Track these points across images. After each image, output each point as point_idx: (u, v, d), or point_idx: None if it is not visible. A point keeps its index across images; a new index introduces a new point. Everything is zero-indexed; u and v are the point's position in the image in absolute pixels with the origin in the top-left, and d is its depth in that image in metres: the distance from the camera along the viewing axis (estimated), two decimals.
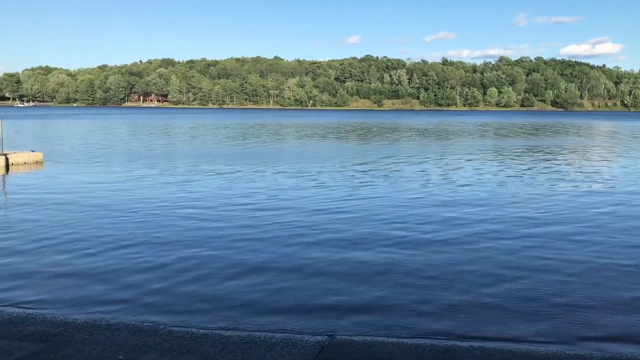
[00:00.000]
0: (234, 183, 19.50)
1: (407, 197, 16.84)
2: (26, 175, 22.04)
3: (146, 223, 12.95)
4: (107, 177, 21.02)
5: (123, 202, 15.78)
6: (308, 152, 33.62)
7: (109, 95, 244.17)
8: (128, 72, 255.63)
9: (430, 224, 13.04)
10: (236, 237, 11.62)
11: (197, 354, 6.00)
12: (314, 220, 13.36)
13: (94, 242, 11.19)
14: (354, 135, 52.64)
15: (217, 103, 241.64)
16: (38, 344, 6.14)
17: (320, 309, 7.65)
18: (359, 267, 9.58)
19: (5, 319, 6.96)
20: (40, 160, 26.14)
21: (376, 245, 11.15)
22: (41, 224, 12.85)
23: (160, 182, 19.83)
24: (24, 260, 9.94)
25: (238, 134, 53.64)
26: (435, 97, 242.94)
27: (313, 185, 19.04)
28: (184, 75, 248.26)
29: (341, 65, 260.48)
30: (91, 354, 5.90)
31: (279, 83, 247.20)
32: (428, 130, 62.71)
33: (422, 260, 10.11)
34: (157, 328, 6.79)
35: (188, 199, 16.18)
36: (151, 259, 10.00)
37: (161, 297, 8.08)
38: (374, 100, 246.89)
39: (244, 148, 36.51)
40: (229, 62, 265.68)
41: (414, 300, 8.08)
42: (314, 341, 6.47)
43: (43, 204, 15.40)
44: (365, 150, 35.71)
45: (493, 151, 35.10)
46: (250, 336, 6.58)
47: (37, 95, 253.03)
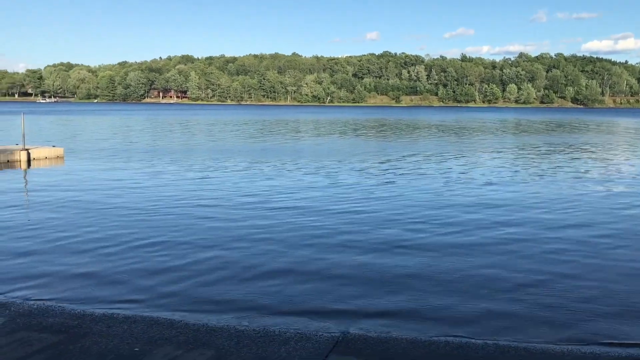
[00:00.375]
0: (253, 180, 19.46)
1: (428, 197, 16.66)
2: (47, 171, 22.36)
3: (164, 221, 13.07)
4: (127, 173, 21.25)
5: (142, 199, 15.94)
6: (326, 149, 33.61)
7: (129, 91, 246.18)
8: (148, 68, 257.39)
9: (451, 226, 12.88)
10: (254, 237, 11.67)
11: (212, 346, 6.06)
12: (333, 220, 13.32)
13: (112, 239, 11.34)
14: (373, 132, 52.48)
15: (236, 99, 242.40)
16: (57, 336, 6.24)
17: (335, 311, 7.58)
18: (376, 269, 9.53)
19: (25, 310, 7.09)
20: (61, 155, 26.48)
21: (394, 246, 11.14)
22: (61, 219, 13.04)
23: (179, 179, 19.96)
24: (44, 255, 10.09)
25: (257, 130, 53.79)
26: (453, 93, 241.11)
27: (332, 184, 19.00)
28: (203, 71, 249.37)
29: (359, 62, 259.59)
30: (108, 346, 5.99)
31: (296, 79, 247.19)
32: (447, 127, 62.28)
33: (442, 263, 10.04)
34: (173, 321, 6.86)
35: (207, 197, 16.24)
36: (169, 257, 10.10)
37: (177, 295, 8.16)
38: (391, 97, 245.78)
39: (262, 144, 36.61)
40: (247, 58, 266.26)
41: (433, 304, 8.04)
42: (328, 336, 6.49)
43: (63, 199, 15.62)
44: (384, 147, 35.59)
45: (514, 149, 34.77)
46: (265, 330, 6.63)
47: (58, 92, 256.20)
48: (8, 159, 24.10)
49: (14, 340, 6.06)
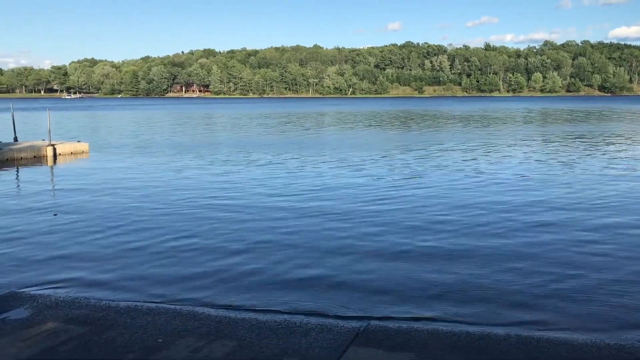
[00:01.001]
0: (280, 175, 19.29)
1: (456, 187, 16.52)
2: (72, 165, 22.74)
3: (189, 216, 13.20)
4: (151, 168, 21.50)
5: (166, 193, 16.12)
6: (352, 141, 33.56)
7: (152, 86, 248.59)
8: (170, 63, 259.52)
9: (482, 216, 12.83)
10: (279, 231, 11.73)
11: (234, 338, 6.13)
12: (361, 215, 13.33)
13: (136, 232, 11.50)
14: (399, 124, 52.23)
15: (258, 93, 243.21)
16: (83, 327, 6.38)
17: (356, 302, 7.60)
18: (399, 264, 9.52)
19: (52, 303, 7.24)
20: (86, 150, 26.90)
21: (421, 234, 11.12)
22: (85, 213, 13.27)
23: (204, 173, 20.09)
24: (69, 249, 10.29)
25: (280, 123, 53.95)
26: (477, 83, 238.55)
27: (360, 175, 18.95)
28: (225, 65, 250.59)
29: (381, 52, 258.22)
30: (133, 337, 6.10)
31: (318, 72, 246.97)
32: (472, 117, 61.69)
33: (473, 253, 10.01)
34: (195, 312, 6.95)
35: (232, 192, 16.29)
36: (191, 252, 10.21)
37: (199, 288, 8.25)
38: (414, 87, 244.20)
39: (288, 138, 36.70)
40: (269, 51, 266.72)
41: (454, 296, 8.02)
42: (348, 327, 6.51)
43: (88, 194, 15.88)
44: (408, 138, 35.42)
45: (542, 138, 34.30)
46: (286, 321, 6.68)
47: (83, 87, 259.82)
48: (35, 155, 24.57)
49: (42, 331, 6.21)
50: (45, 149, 24.84)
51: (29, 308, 7.03)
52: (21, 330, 6.27)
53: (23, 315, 6.79)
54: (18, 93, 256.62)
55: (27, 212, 13.29)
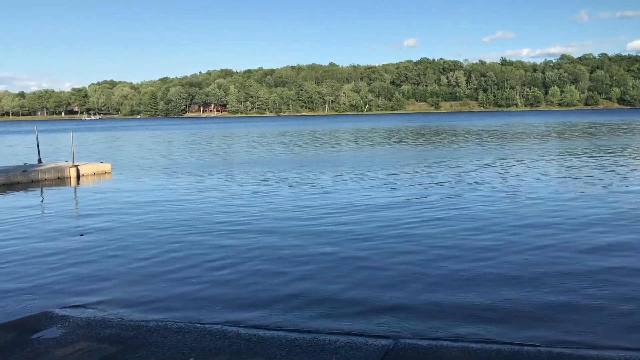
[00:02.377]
0: (310, 193, 19.25)
1: (489, 206, 16.29)
2: (96, 186, 23.04)
3: (213, 234, 13.31)
4: (173, 187, 21.72)
5: (190, 212, 16.27)
6: (379, 158, 33.58)
7: (171, 106, 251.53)
8: (188, 83, 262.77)
9: (514, 235, 12.79)
10: (307, 249, 11.79)
11: (265, 356, 6.16)
12: (390, 229, 13.35)
13: (161, 252, 11.61)
14: (421, 139, 52.18)
15: (274, 111, 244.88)
16: (115, 346, 6.45)
17: (386, 320, 7.59)
18: (429, 279, 9.51)
19: (84, 321, 7.34)
20: (109, 170, 27.26)
21: (450, 253, 11.09)
22: (111, 233, 13.44)
23: (230, 194, 20.20)
24: (97, 268, 10.41)
25: (301, 141, 54.19)
26: (494, 98, 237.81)
27: (394, 195, 18.90)
28: (242, 84, 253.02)
29: (397, 69, 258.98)
30: (165, 356, 6.15)
31: (334, 89, 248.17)
32: (495, 132, 61.39)
33: (501, 267, 9.96)
34: (225, 331, 6.99)
35: (258, 212, 16.44)
36: (216, 270, 10.29)
37: (227, 307, 8.29)
38: (430, 103, 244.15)
39: (309, 155, 36.84)
40: (285, 70, 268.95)
41: (485, 313, 7.97)
42: (378, 345, 6.51)
43: (112, 213, 16.08)
44: (434, 155, 35.34)
45: (564, 153, 34.02)
46: (315, 339, 6.69)
47: (103, 109, 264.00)
48: (59, 176, 24.95)
49: (76, 350, 6.29)
50: (68, 169, 25.22)
51: (62, 327, 7.13)
52: (55, 349, 6.36)
53: (56, 334, 6.88)
54: (39, 115, 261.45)
55: (53, 233, 13.49)
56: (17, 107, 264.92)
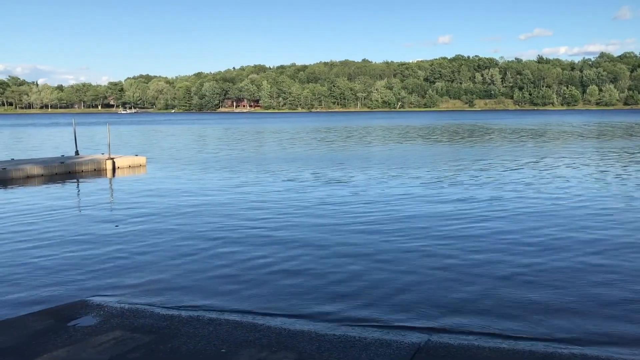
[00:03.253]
0: (341, 189, 19.24)
1: (523, 208, 15.83)
2: (131, 178, 23.46)
3: (245, 226, 13.43)
4: (206, 180, 21.98)
5: (223, 204, 16.43)
6: (418, 154, 33.40)
7: (204, 101, 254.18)
8: (222, 78, 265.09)
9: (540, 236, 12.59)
10: (340, 245, 11.80)
11: (295, 350, 6.19)
12: (428, 232, 13.30)
13: (194, 242, 11.76)
14: (458, 137, 51.68)
15: (306, 107, 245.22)
16: (148, 336, 6.56)
17: (417, 318, 7.56)
18: (462, 277, 9.44)
19: (118, 311, 7.49)
20: (144, 163, 27.70)
21: (489, 252, 10.98)
22: (145, 224, 13.67)
23: (261, 187, 20.32)
24: (131, 259, 10.60)
25: (337, 137, 54.20)
26: (530, 96, 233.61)
27: (435, 195, 18.81)
28: (274, 80, 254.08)
29: (430, 66, 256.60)
30: (197, 347, 6.24)
31: (366, 85, 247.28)
32: (533, 132, 60.39)
33: (534, 266, 9.82)
34: (255, 324, 7.05)
35: (292, 205, 16.51)
36: (249, 263, 10.37)
37: (258, 299, 8.36)
38: (464, 101, 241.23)
39: (341, 152, 36.83)
40: (317, 66, 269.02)
41: (519, 312, 7.87)
42: (408, 342, 6.48)
43: (147, 205, 16.35)
44: (473, 152, 34.98)
45: (602, 154, 33.29)
46: (345, 335, 6.69)
47: (138, 102, 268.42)
48: (95, 168, 25.47)
49: (110, 339, 6.43)
50: (105, 162, 25.72)
51: (97, 316, 7.29)
52: (91, 337, 6.51)
53: (91, 322, 7.04)
54: (77, 108, 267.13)
55: (89, 223, 13.78)
56: (56, 100, 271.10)
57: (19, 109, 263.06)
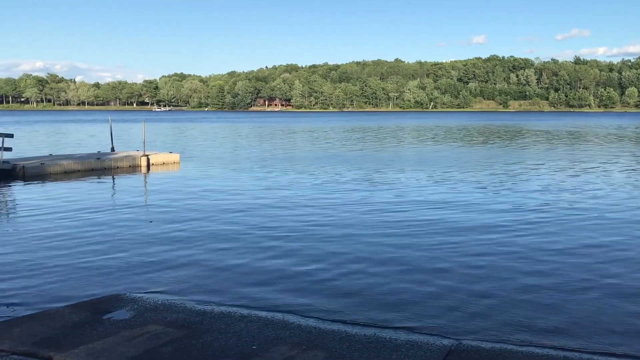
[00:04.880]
0: (380, 189, 19.17)
1: (564, 212, 15.51)
2: (165, 175, 23.80)
3: (279, 223, 13.50)
4: (239, 177, 22.19)
5: (256, 202, 16.55)
6: (453, 157, 33.13)
7: (237, 100, 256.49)
8: (255, 77, 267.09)
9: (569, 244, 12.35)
10: (373, 241, 11.79)
11: (325, 349, 6.20)
12: (469, 233, 13.18)
13: (226, 239, 11.88)
14: (495, 138, 51.08)
15: (338, 107, 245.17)
16: (181, 330, 6.66)
17: (448, 319, 7.52)
18: (498, 282, 9.33)
19: (151, 305, 7.61)
20: (177, 161, 28.07)
21: (512, 254, 10.84)
22: (179, 220, 13.85)
23: (297, 186, 20.33)
24: (164, 254, 10.77)
25: (373, 137, 54.10)
26: (566, 97, 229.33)
27: (478, 197, 18.65)
28: (306, 80, 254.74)
29: (464, 66, 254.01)
30: (228, 343, 6.30)
31: (399, 85, 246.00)
32: (575, 134, 59.29)
33: (569, 273, 9.66)
34: (286, 322, 7.09)
35: (328, 205, 16.53)
36: (281, 260, 10.43)
37: (289, 297, 8.40)
38: (499, 102, 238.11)
39: (372, 152, 36.75)
40: (349, 66, 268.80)
41: (552, 319, 7.75)
42: (439, 345, 6.43)
43: (181, 202, 16.56)
44: (515, 155, 34.56)
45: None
46: (375, 336, 6.68)
47: (172, 101, 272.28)
48: (130, 164, 25.92)
49: (144, 333, 6.54)
50: (140, 158, 26.15)
51: (131, 310, 7.42)
52: (125, 330, 6.63)
53: (126, 316, 7.17)
54: (112, 105, 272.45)
55: (124, 219, 14.03)
56: (92, 97, 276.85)
57: (56, 106, 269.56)
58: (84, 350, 6.01)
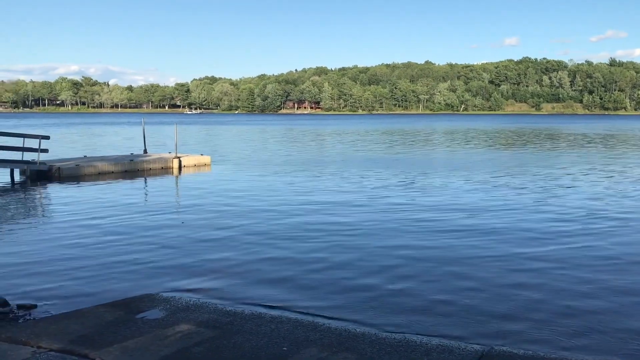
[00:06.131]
0: (416, 193, 18.93)
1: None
2: (196, 177, 24.07)
3: (310, 225, 13.52)
4: (269, 180, 22.28)
5: (286, 203, 16.61)
6: (491, 161, 32.82)
7: (267, 103, 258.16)
8: (284, 80, 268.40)
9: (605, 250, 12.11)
10: (415, 246, 11.75)
11: (356, 351, 6.19)
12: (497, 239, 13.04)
13: (258, 241, 11.94)
14: (537, 140, 50.39)
15: (367, 109, 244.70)
16: (212, 331, 6.72)
17: (479, 325, 7.44)
18: (529, 288, 9.20)
19: (183, 305, 7.70)
20: (208, 163, 28.37)
21: (549, 260, 10.67)
22: (209, 221, 13.99)
23: (330, 189, 20.29)
24: (194, 255, 10.88)
25: (403, 139, 53.91)
26: (600, 100, 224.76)
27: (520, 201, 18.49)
28: (336, 82, 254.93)
29: (496, 68, 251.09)
30: (259, 344, 6.34)
31: (429, 88, 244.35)
32: (613, 137, 58.11)
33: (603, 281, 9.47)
34: (316, 324, 7.10)
35: (360, 207, 16.53)
36: (312, 262, 10.45)
37: (320, 299, 8.41)
38: (531, 104, 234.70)
39: (420, 155, 36.59)
40: (379, 68, 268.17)
41: (585, 325, 7.60)
42: (471, 349, 6.36)
43: (213, 204, 16.72)
44: (555, 160, 34.06)
45: None
46: (406, 339, 6.64)
47: (203, 103, 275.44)
48: (162, 166, 26.28)
49: (176, 332, 6.62)
50: (172, 160, 26.49)
51: (163, 310, 7.52)
52: (158, 329, 6.72)
53: (158, 315, 7.27)
54: (145, 108, 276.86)
55: (156, 220, 14.22)
56: (125, 100, 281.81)
57: (90, 108, 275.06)
58: (118, 348, 6.12)
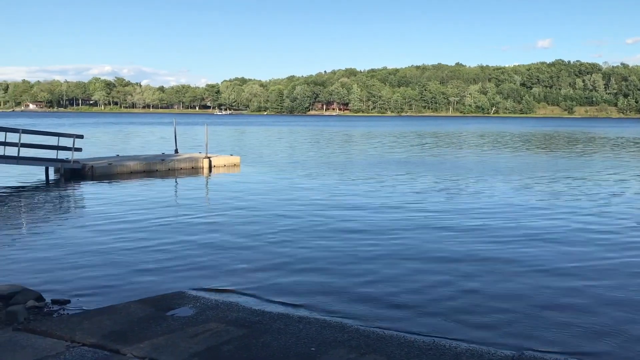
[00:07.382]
0: (456, 198, 18.37)
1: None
2: (226, 178, 24.28)
3: (338, 225, 13.54)
4: (298, 180, 22.38)
5: (316, 204, 16.65)
6: (531, 166, 32.45)
7: (296, 104, 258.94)
8: (313, 82, 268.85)
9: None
10: (441, 250, 11.69)
11: (383, 353, 6.17)
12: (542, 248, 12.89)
13: (288, 242, 12.00)
14: (579, 146, 49.57)
15: (396, 111, 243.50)
16: (241, 329, 6.77)
17: (509, 330, 7.36)
18: (560, 296, 9.05)
19: (213, 304, 7.79)
20: (238, 163, 28.60)
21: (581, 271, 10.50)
22: (239, 221, 14.12)
23: (362, 192, 20.25)
24: (224, 253, 10.99)
25: (436, 142, 53.60)
26: (636, 104, 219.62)
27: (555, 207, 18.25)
28: (365, 84, 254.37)
29: (528, 71, 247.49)
30: (287, 343, 6.37)
31: (459, 90, 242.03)
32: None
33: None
34: (344, 325, 7.10)
35: (391, 210, 16.48)
36: (340, 263, 10.47)
37: (347, 300, 8.42)
38: (563, 107, 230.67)
39: (438, 157, 36.36)
40: (409, 70, 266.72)
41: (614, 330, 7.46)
42: (501, 354, 6.29)
43: (243, 204, 16.84)
44: (594, 164, 33.51)
45: None
46: (435, 343, 6.60)
47: (233, 104, 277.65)
48: (193, 166, 26.59)
49: (206, 330, 6.70)
50: (202, 160, 26.78)
51: (193, 307, 7.61)
52: (188, 327, 6.81)
53: (188, 313, 7.36)
54: (176, 109, 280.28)
55: (187, 219, 14.41)
56: (157, 101, 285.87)
57: (123, 108, 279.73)
58: (149, 344, 6.21)
